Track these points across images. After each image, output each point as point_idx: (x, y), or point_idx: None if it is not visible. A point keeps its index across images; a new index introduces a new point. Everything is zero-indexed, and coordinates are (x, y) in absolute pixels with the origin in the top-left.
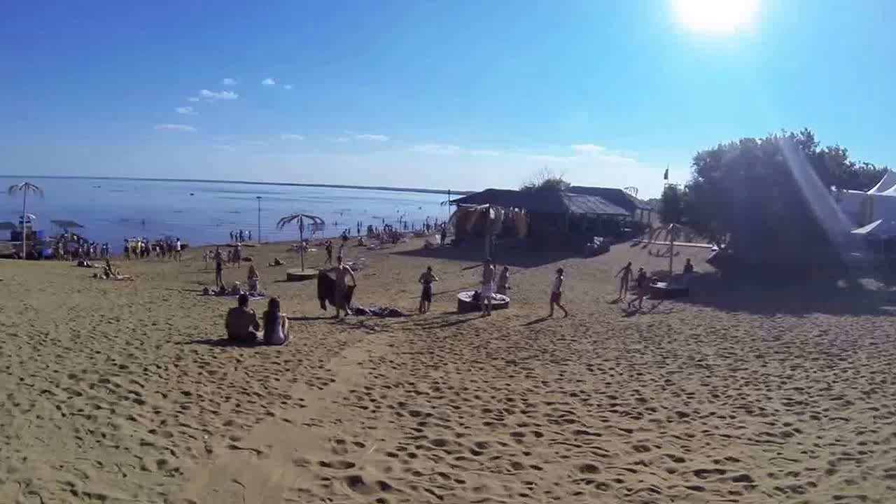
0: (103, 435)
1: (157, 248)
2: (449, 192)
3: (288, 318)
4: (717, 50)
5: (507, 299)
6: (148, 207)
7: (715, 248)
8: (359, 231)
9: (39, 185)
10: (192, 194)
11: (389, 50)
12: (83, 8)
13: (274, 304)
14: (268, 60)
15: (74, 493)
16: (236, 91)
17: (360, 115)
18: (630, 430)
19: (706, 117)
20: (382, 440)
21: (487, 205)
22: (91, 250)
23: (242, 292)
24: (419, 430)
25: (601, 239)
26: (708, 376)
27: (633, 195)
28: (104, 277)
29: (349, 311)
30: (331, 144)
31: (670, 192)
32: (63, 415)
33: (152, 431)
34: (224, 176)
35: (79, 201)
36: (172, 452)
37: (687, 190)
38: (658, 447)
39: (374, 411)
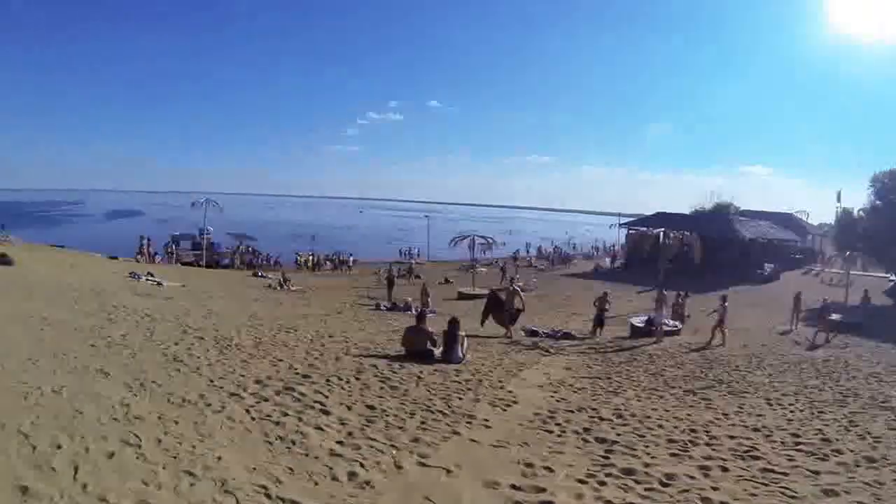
0: (293, 442)
1: (329, 262)
2: (619, 215)
3: (466, 336)
4: (890, 62)
5: (680, 325)
6: (317, 223)
7: (894, 278)
8: (528, 252)
9: (218, 201)
10: (361, 211)
11: (554, 72)
12: (272, 34)
13: (454, 324)
14: (432, 83)
15: (268, 496)
16: (401, 112)
17: (526, 137)
18: (817, 472)
19: (880, 137)
20: (571, 466)
21: (662, 229)
22: (265, 262)
23: (416, 309)
24: (606, 458)
25: (771, 266)
26: (894, 419)
27: (805, 220)
28: (278, 288)
29: (522, 332)
30: (497, 165)
31: (845, 216)
32: (252, 418)
33: (340, 442)
34: (391, 194)
35: (252, 216)
36: (361, 465)
37: (863, 214)
38: (847, 493)
39: (559, 436)
